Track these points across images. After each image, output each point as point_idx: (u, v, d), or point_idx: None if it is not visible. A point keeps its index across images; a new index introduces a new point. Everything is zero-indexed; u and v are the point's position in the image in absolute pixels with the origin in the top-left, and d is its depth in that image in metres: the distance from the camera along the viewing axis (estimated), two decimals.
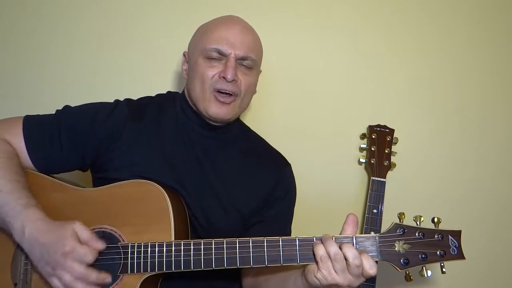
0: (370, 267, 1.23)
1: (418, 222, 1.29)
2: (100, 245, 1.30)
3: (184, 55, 1.69)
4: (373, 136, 2.06)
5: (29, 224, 1.30)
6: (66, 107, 1.60)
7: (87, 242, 1.29)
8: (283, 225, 1.66)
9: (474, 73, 2.20)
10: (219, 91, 1.53)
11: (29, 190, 1.41)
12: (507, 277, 2.18)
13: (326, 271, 1.24)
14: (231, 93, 1.54)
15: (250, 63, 1.57)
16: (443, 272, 1.28)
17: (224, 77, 1.51)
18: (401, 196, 2.13)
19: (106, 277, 1.31)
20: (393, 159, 2.05)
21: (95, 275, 1.28)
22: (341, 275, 1.23)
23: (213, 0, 2.14)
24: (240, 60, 1.55)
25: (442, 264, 1.27)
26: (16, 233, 1.32)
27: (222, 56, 1.53)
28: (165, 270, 1.34)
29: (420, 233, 1.26)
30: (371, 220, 1.94)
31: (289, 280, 1.40)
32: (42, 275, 1.32)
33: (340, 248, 1.24)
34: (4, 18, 2.13)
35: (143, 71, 2.14)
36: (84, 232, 1.30)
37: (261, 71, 1.68)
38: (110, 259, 1.37)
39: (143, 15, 2.14)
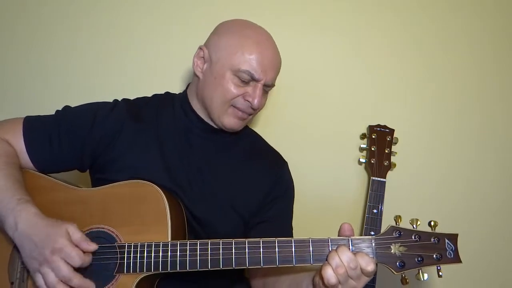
0: (366, 264, 1.22)
1: (414, 225, 1.28)
2: (92, 246, 1.30)
3: (201, 49, 1.62)
4: (373, 136, 2.05)
5: (22, 219, 1.30)
6: (66, 108, 1.61)
7: (78, 244, 1.28)
8: (284, 224, 1.66)
9: (474, 73, 2.19)
10: (237, 108, 1.55)
11: (24, 187, 1.41)
12: (504, 280, 2.17)
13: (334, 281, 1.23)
14: (250, 113, 1.58)
15: (271, 88, 1.61)
16: (439, 276, 1.26)
17: (249, 101, 1.53)
18: (401, 196, 2.12)
19: (90, 285, 1.30)
20: (393, 159, 2.04)
21: (78, 280, 1.26)
22: (344, 285, 1.24)
23: (214, 1, 2.14)
24: (266, 86, 1.57)
25: (438, 268, 1.26)
26: (8, 228, 1.31)
27: (252, 80, 1.53)
28: (161, 270, 1.33)
29: (416, 236, 1.25)
30: (371, 220, 1.94)
31: (301, 285, 1.40)
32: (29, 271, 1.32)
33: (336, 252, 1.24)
34: (5, 18, 2.13)
35: (143, 71, 2.14)
36: (76, 233, 1.29)
37: None
38: (106, 258, 1.37)
39: (144, 16, 2.14)
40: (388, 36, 2.18)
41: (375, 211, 1.94)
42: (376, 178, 2.00)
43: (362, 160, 2.08)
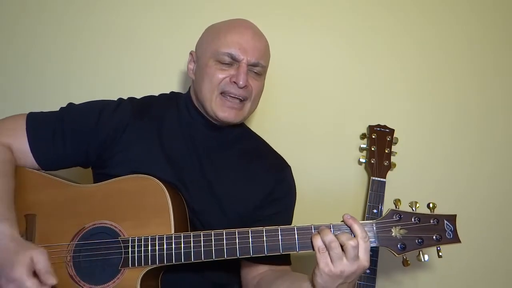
0: (347, 238, 1.24)
1: (413, 208, 1.30)
2: (51, 280, 1.21)
3: (191, 54, 1.69)
4: (373, 136, 2.06)
5: None
6: (70, 105, 1.61)
7: (40, 275, 1.22)
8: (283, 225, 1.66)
9: (474, 73, 2.20)
10: (228, 95, 1.55)
11: (10, 200, 1.36)
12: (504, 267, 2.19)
13: (323, 263, 1.24)
14: (241, 98, 1.56)
15: (260, 70, 1.59)
16: (439, 256, 1.28)
17: (235, 82, 1.53)
18: (401, 196, 2.01)
19: None
20: (393, 159, 2.04)
21: None
22: (336, 263, 1.24)
23: (215, 2, 2.16)
24: (251, 66, 1.56)
25: (438, 248, 1.28)
26: None
27: (234, 61, 1.54)
28: (166, 262, 1.34)
29: (416, 218, 1.28)
30: (371, 220, 1.94)
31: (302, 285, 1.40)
32: None
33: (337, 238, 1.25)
34: (6, 17, 2.14)
35: (146, 71, 2.15)
36: (41, 263, 1.22)
37: None
38: (110, 253, 1.38)
39: (147, 14, 2.16)
40: (388, 36, 2.19)
41: (375, 211, 1.95)
42: (376, 178, 2.01)
43: (362, 160, 2.09)
